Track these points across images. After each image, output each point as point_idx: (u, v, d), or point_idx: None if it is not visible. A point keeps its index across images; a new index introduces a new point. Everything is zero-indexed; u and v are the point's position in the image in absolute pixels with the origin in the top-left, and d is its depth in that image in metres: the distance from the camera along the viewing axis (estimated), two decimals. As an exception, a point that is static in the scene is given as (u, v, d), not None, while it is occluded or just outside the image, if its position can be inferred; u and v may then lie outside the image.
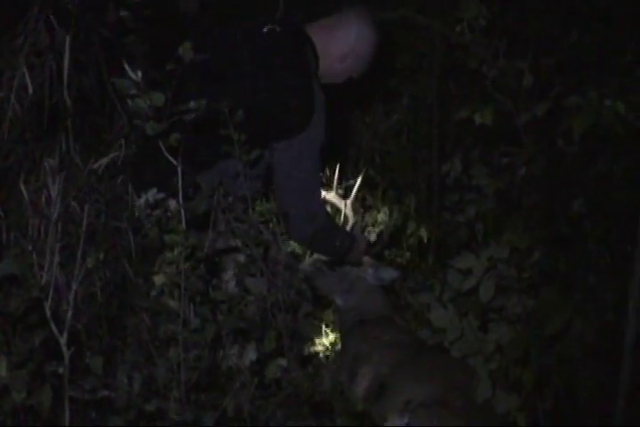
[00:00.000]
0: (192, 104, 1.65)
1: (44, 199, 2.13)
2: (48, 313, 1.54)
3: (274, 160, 2.25)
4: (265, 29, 2.27)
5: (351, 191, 2.68)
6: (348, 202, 2.63)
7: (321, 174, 2.53)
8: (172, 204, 1.73)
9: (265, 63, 2.24)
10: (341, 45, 2.34)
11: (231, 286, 1.90)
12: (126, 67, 1.65)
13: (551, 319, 1.83)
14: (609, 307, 1.86)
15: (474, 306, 2.00)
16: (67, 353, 1.53)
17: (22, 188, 2.20)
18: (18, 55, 2.48)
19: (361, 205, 2.91)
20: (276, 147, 2.22)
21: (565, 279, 1.94)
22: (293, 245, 2.38)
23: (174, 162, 1.69)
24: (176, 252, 1.68)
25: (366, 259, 2.59)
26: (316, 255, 2.60)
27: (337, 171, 2.72)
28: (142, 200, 1.79)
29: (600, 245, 1.95)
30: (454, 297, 2.06)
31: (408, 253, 2.94)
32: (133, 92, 1.64)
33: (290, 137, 2.21)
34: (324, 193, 2.68)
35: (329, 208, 2.88)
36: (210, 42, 2.33)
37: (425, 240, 2.79)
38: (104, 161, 2.31)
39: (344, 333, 2.50)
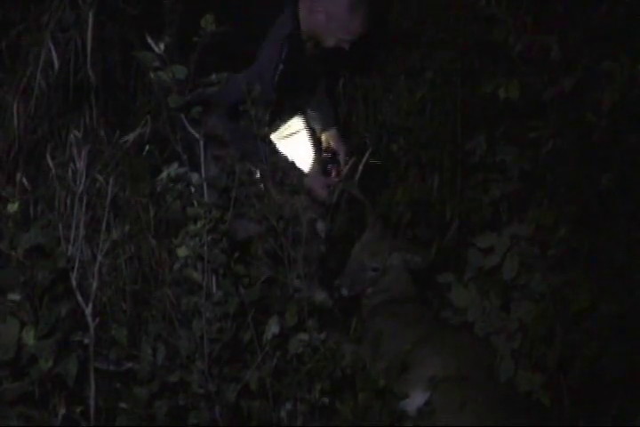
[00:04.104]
0: (214, 77, 1.64)
1: (70, 173, 2.15)
2: (74, 284, 1.55)
3: None
4: None
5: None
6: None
7: None
8: (195, 177, 1.73)
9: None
10: None
11: None
12: (149, 40, 1.64)
13: (577, 297, 1.81)
14: (636, 284, 1.83)
15: (496, 285, 1.98)
16: (92, 324, 1.55)
17: (50, 161, 2.22)
18: (44, 32, 2.49)
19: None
20: None
21: (592, 256, 1.91)
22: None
23: (196, 135, 1.69)
24: (199, 224, 1.68)
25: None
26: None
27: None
28: (164, 174, 1.79)
29: (629, 221, 1.91)
30: (476, 276, 2.05)
31: (430, 232, 2.91)
32: (156, 64, 1.63)
33: None
34: None
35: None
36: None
37: (448, 219, 2.76)
38: (131, 136, 2.32)
39: (369, 311, 2.49)
